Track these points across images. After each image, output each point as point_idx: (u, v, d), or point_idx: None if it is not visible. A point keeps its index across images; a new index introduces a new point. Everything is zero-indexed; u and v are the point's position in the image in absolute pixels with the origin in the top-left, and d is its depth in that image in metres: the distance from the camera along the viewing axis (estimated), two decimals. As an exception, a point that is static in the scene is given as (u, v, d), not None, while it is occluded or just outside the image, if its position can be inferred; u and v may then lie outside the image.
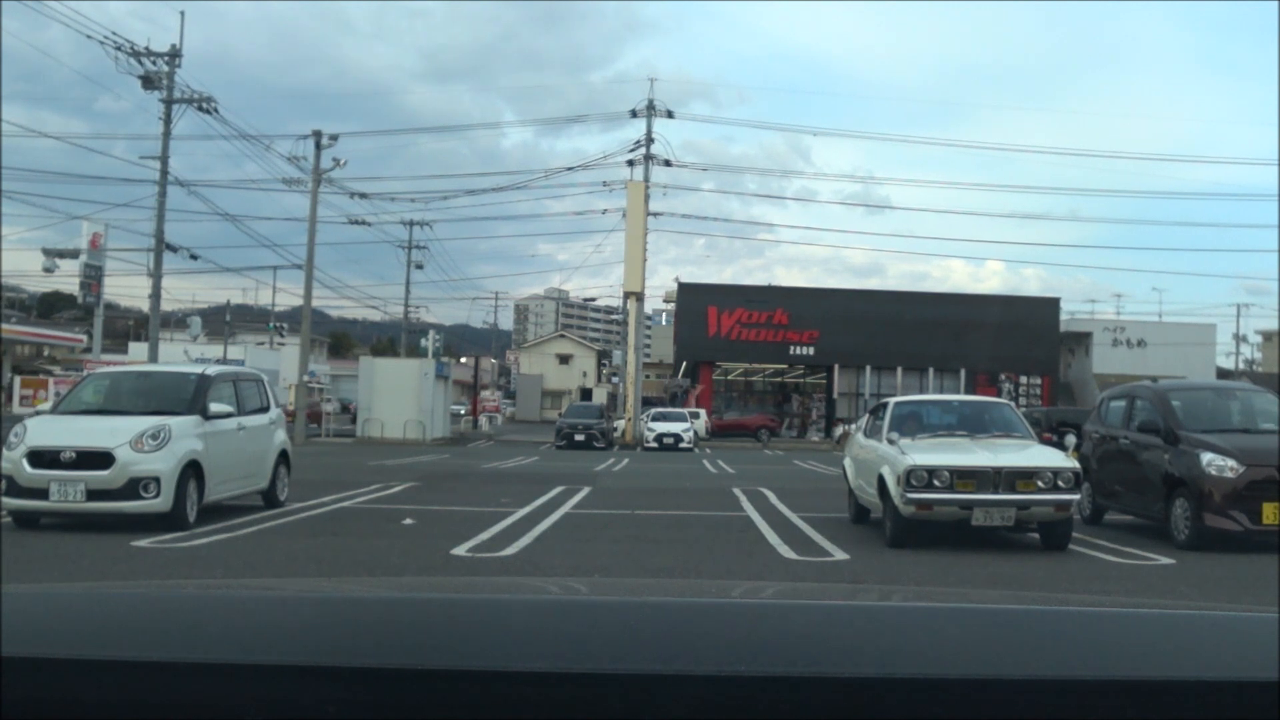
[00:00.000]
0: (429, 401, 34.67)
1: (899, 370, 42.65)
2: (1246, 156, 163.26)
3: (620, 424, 37.66)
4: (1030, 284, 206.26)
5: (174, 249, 30.43)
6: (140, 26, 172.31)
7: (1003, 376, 42.48)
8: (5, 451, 9.80)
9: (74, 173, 55.22)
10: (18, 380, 36.00)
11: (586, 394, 67.04)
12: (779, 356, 44.48)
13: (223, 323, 55.70)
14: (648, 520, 11.85)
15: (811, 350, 43.14)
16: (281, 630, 1.05)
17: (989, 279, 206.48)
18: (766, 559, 8.89)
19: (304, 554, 8.77)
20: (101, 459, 9.56)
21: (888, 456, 9.62)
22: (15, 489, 9.65)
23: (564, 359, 79.67)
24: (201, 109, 29.13)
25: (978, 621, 1.13)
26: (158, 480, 9.58)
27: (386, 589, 1.68)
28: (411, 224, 48.83)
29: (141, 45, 28.11)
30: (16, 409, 30.59)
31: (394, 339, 71.10)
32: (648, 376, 52.26)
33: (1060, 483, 9.01)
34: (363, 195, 39.91)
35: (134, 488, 9.53)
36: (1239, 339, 67.06)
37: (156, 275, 29.73)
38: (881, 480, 9.61)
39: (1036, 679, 0.92)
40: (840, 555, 9.06)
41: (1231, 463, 9.37)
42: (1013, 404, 12.97)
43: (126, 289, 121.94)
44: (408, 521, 10.97)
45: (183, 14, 29.91)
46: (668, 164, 39.75)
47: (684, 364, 50.21)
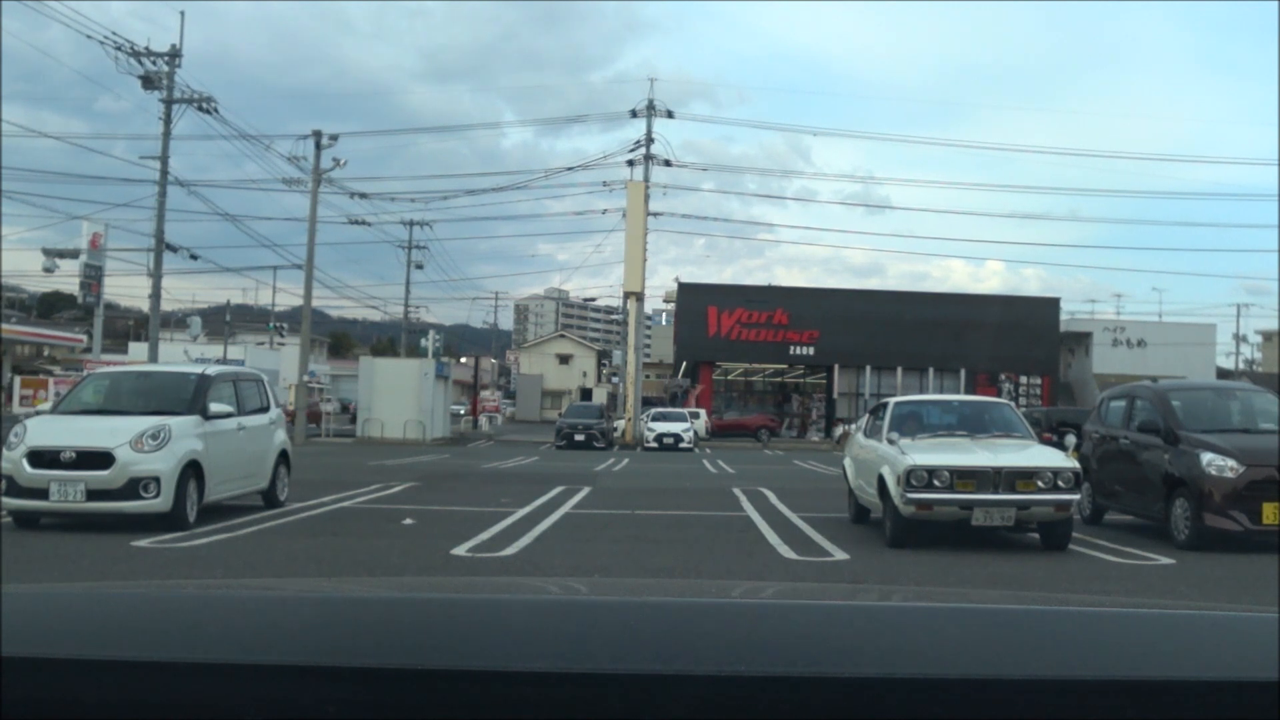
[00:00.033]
0: (429, 401, 34.68)
1: (899, 370, 42.65)
2: (1246, 156, 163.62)
3: (620, 424, 37.66)
4: (1030, 284, 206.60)
5: (174, 249, 30.46)
6: (140, 26, 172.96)
7: (1003, 376, 42.49)
8: (5, 451, 9.80)
9: (74, 173, 55.34)
10: (18, 380, 36.01)
11: (586, 394, 67.03)
12: (779, 356, 44.48)
13: (223, 323, 55.70)
14: (648, 520, 11.85)
15: (811, 350, 43.15)
16: (281, 630, 1.05)
17: (989, 279, 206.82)
18: (766, 559, 8.89)
19: (304, 554, 8.77)
20: (101, 459, 9.56)
21: (888, 456, 9.62)
22: (15, 489, 9.65)
23: (564, 359, 79.69)
24: (201, 109, 29.15)
25: (978, 621, 1.13)
26: (158, 480, 9.59)
27: (386, 589, 1.68)
28: (411, 224, 48.93)
29: (141, 45, 28.16)
30: (16, 409, 30.61)
31: (394, 339, 71.12)
32: (648, 376, 52.26)
33: (1060, 483, 9.02)
34: (363, 195, 39.99)
35: (134, 488, 9.53)
36: (1239, 339, 67.14)
37: (156, 275, 29.74)
38: (881, 480, 9.61)
39: (1036, 679, 0.92)
40: (840, 555, 9.06)
41: (1231, 463, 9.37)
42: (1013, 404, 12.97)
43: (126, 289, 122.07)
44: (408, 521, 10.97)
45: (183, 14, 29.98)
46: (668, 164, 39.80)
47: (684, 364, 50.22)
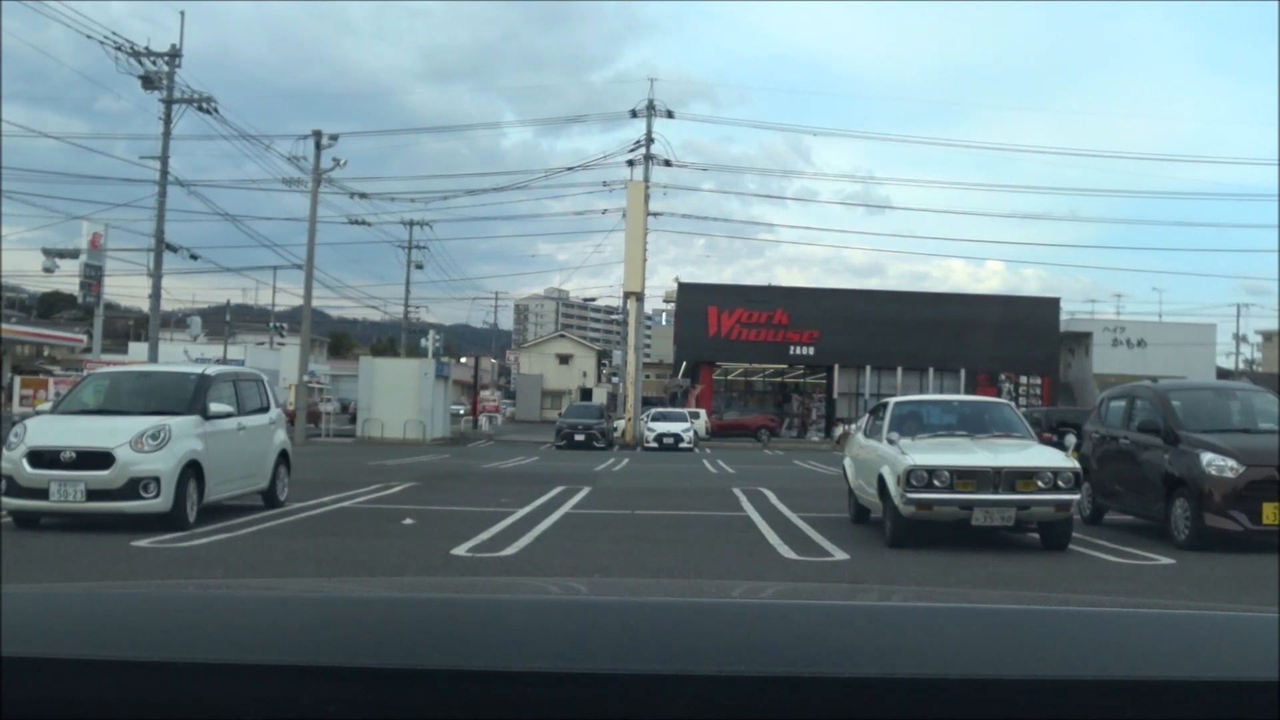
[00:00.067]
0: (429, 401, 34.68)
1: (899, 370, 42.65)
2: (1246, 156, 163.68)
3: (620, 424, 37.66)
4: (1030, 284, 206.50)
5: (174, 249, 30.46)
6: (140, 26, 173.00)
7: (1003, 376, 42.49)
8: (5, 451, 9.80)
9: (74, 173, 55.30)
10: (18, 380, 36.01)
11: (586, 394, 67.04)
12: (779, 356, 44.48)
13: (223, 323, 55.70)
14: (648, 520, 11.85)
15: (811, 350, 43.15)
16: (281, 630, 1.05)
17: (989, 279, 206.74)
18: (766, 559, 8.89)
19: (304, 554, 8.77)
20: (101, 459, 9.56)
21: (888, 456, 9.62)
22: (15, 489, 9.65)
23: (564, 359, 79.69)
24: (201, 109, 29.15)
25: (978, 621, 1.13)
26: (158, 480, 9.58)
27: (386, 589, 1.68)
28: (411, 224, 48.93)
29: (141, 45, 28.16)
30: (16, 409, 30.61)
31: (394, 339, 71.12)
32: (648, 376, 52.26)
33: (1060, 483, 9.01)
34: (363, 195, 40.00)
35: (134, 488, 9.53)
36: (1239, 339, 67.14)
37: (156, 275, 29.74)
38: (881, 480, 9.61)
39: (1036, 679, 0.92)
40: (840, 555, 9.06)
41: (1231, 463, 9.37)
42: (1013, 404, 12.97)
43: (126, 289, 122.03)
44: (408, 521, 10.97)
45: (183, 14, 29.96)
46: (668, 164, 39.80)
47: (684, 364, 50.22)
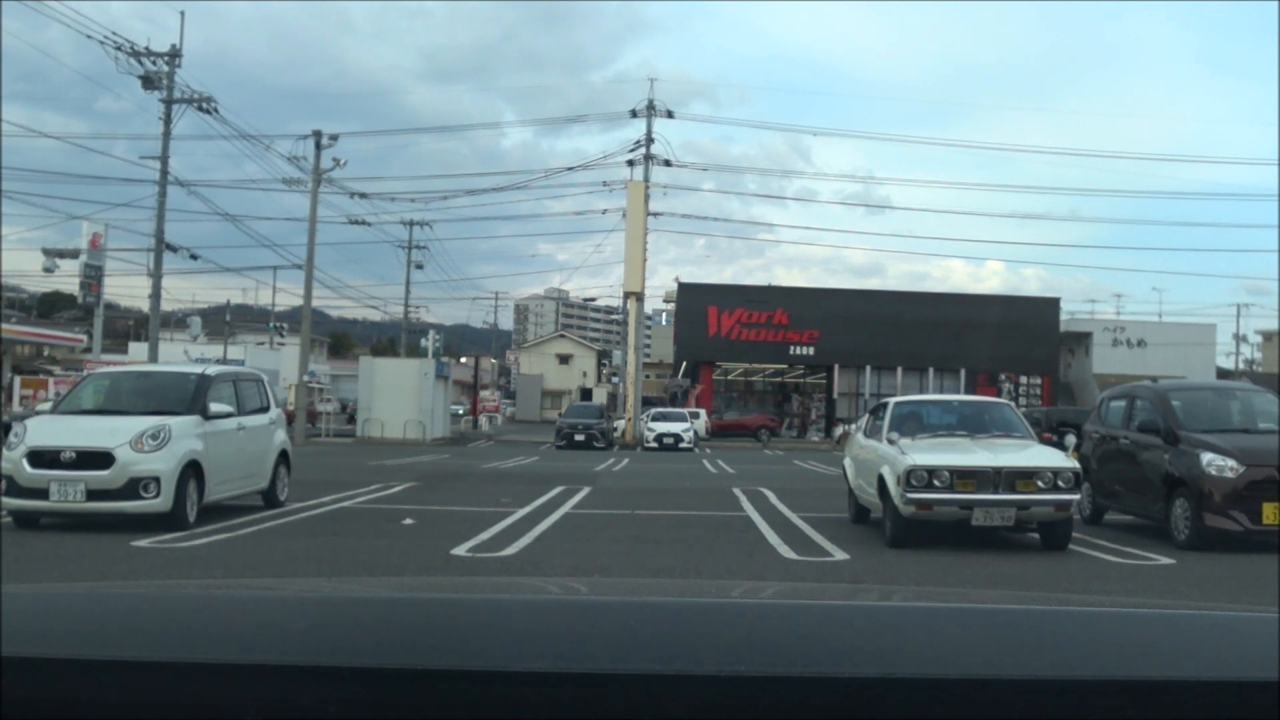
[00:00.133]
0: (429, 401, 34.68)
1: (899, 370, 42.64)
2: (1246, 156, 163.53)
3: (620, 424, 37.66)
4: (1030, 284, 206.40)
5: (174, 249, 30.46)
6: (140, 26, 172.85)
7: (1003, 376, 42.48)
8: (5, 451, 9.80)
9: (74, 173, 55.30)
10: (18, 380, 36.01)
11: (586, 394, 67.04)
12: (779, 356, 44.48)
13: (223, 323, 55.72)
14: (648, 520, 11.85)
15: (811, 350, 43.15)
16: (281, 630, 1.05)
17: (989, 279, 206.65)
18: (766, 559, 8.89)
19: (304, 554, 8.77)
20: (101, 459, 9.56)
21: (888, 456, 9.62)
22: (15, 489, 9.65)
23: (564, 359, 79.68)
24: (201, 109, 29.15)
25: (978, 621, 1.13)
26: (158, 480, 9.58)
27: (386, 589, 1.68)
28: (411, 224, 48.94)
29: (141, 45, 28.18)
30: (16, 409, 30.62)
31: (394, 339, 71.12)
32: (648, 376, 52.26)
33: (1060, 483, 9.01)
34: (363, 195, 40.00)
35: (134, 488, 9.53)
36: (1239, 339, 67.15)
37: (156, 275, 29.74)
38: (881, 480, 9.61)
39: (1036, 679, 0.92)
40: (840, 555, 9.06)
41: (1231, 463, 9.37)
42: (1013, 404, 12.97)
43: (126, 289, 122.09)
44: (408, 521, 10.97)
45: (183, 14, 29.96)
46: (668, 164, 39.80)
47: (684, 364, 50.22)
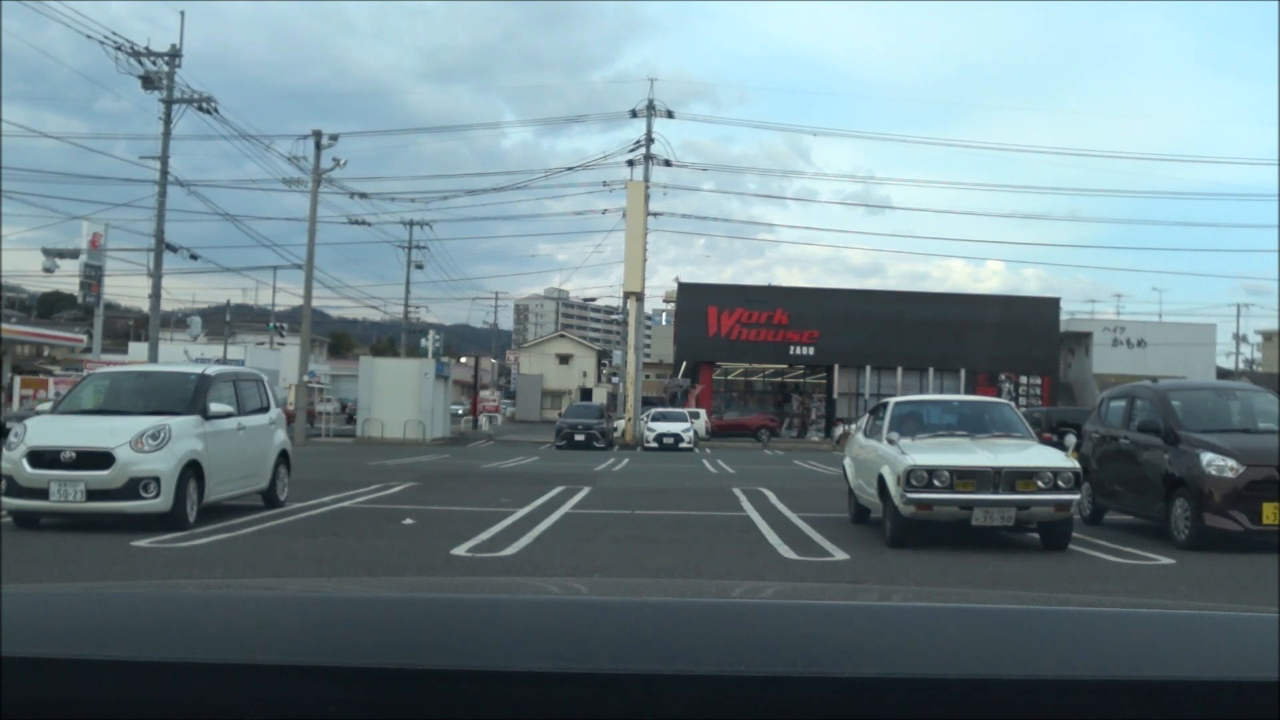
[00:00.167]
0: (429, 401, 34.67)
1: (899, 370, 42.64)
2: (1246, 156, 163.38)
3: (620, 424, 37.66)
4: (1030, 284, 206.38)
5: (174, 249, 30.46)
6: (140, 26, 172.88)
7: (1003, 376, 42.48)
8: (5, 451, 9.80)
9: (74, 173, 55.25)
10: (18, 380, 36.02)
11: (586, 394, 67.04)
12: (779, 356, 44.47)
13: (223, 323, 55.72)
14: (648, 520, 11.85)
15: (811, 350, 43.14)
16: (281, 630, 1.05)
17: (989, 279, 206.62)
18: (766, 559, 8.89)
19: (304, 554, 8.77)
20: (101, 459, 9.56)
21: (888, 456, 9.62)
22: (15, 489, 9.65)
23: (564, 359, 79.68)
24: (201, 109, 29.15)
25: (978, 621, 1.13)
26: (158, 480, 9.58)
27: (386, 589, 1.68)
28: (411, 224, 48.93)
29: (141, 45, 28.18)
30: (16, 408, 30.62)
31: (394, 339, 71.12)
32: (648, 376, 52.26)
33: (1060, 483, 9.01)
34: (363, 195, 39.99)
35: (134, 488, 9.53)
36: (1239, 339, 67.15)
37: (156, 275, 29.74)
38: (881, 480, 9.61)
39: (1036, 679, 0.92)
40: (840, 555, 9.05)
41: (1231, 463, 9.37)
42: (1013, 404, 12.97)
43: (126, 289, 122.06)
44: (408, 521, 10.97)
45: (183, 14, 29.96)
46: (668, 164, 39.79)
47: (684, 364, 50.22)
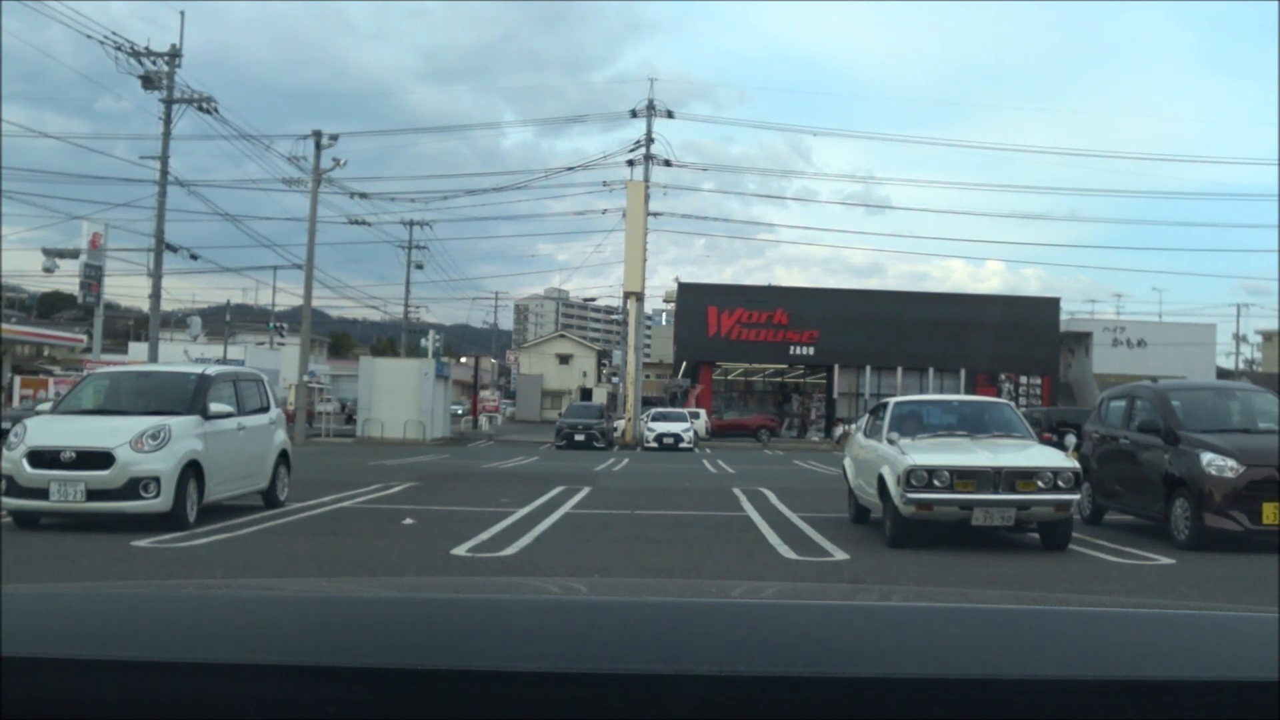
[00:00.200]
0: (429, 401, 34.68)
1: (899, 370, 42.64)
2: (1246, 156, 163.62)
3: (620, 424, 37.66)
4: (1030, 284, 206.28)
5: (174, 249, 30.46)
6: (140, 26, 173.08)
7: (1003, 376, 42.47)
8: (5, 451, 9.80)
9: (74, 173, 55.22)
10: (18, 380, 36.04)
11: (586, 394, 67.03)
12: (779, 356, 44.47)
13: (223, 323, 55.71)
14: (648, 520, 11.85)
15: (811, 350, 43.14)
16: (281, 630, 1.05)
17: (989, 279, 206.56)
18: (766, 559, 8.89)
19: (304, 554, 8.77)
20: (101, 459, 9.56)
21: (888, 456, 9.62)
22: (15, 489, 9.65)
23: (564, 359, 79.67)
24: (201, 109, 29.15)
25: (978, 621, 1.13)
26: (158, 480, 9.58)
27: (386, 589, 1.68)
28: (411, 224, 48.92)
29: (141, 45, 28.18)
30: (17, 405, 30.63)
31: (394, 339, 71.12)
32: (648, 376, 52.25)
33: (1060, 483, 9.01)
34: (363, 195, 39.99)
35: (134, 488, 9.53)
36: (1239, 339, 67.17)
37: (156, 275, 29.73)
38: (881, 480, 9.61)
39: (1036, 679, 0.92)
40: (840, 555, 9.05)
41: (1231, 463, 9.37)
42: (1013, 404, 12.97)
43: (126, 289, 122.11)
44: (408, 521, 10.97)
45: (183, 14, 29.96)
46: (668, 164, 39.79)
47: (684, 364, 50.21)
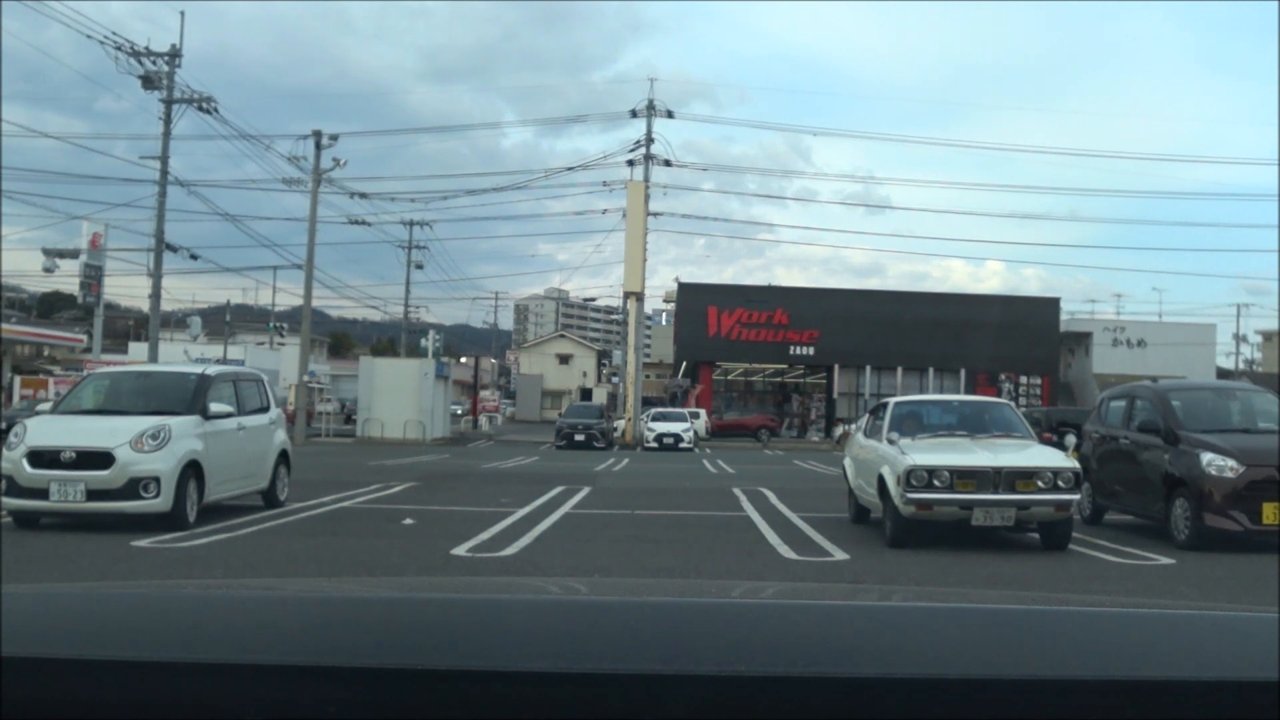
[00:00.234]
0: (429, 401, 34.67)
1: (899, 370, 42.64)
2: (1246, 156, 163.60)
3: (620, 424, 37.66)
4: (1030, 284, 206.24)
5: (174, 249, 30.46)
6: (140, 26, 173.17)
7: (1003, 376, 42.47)
8: (5, 451, 9.80)
9: (74, 173, 55.20)
10: (18, 380, 36.05)
11: (586, 394, 67.03)
12: (779, 356, 44.47)
13: (223, 323, 55.71)
14: (648, 520, 11.85)
15: (811, 350, 43.14)
16: (281, 630, 1.05)
17: (989, 279, 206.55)
18: (766, 559, 8.89)
19: (304, 554, 8.77)
20: (101, 459, 9.56)
21: (888, 456, 9.62)
22: (15, 489, 9.65)
23: (564, 359, 79.67)
24: (201, 109, 29.15)
25: (978, 621, 1.13)
26: (158, 480, 9.58)
27: (386, 589, 1.68)
28: (411, 224, 48.93)
29: (141, 45, 28.18)
30: (16, 404, 30.63)
31: (394, 339, 71.12)
32: (648, 376, 52.25)
33: (1060, 483, 9.01)
34: (363, 195, 39.99)
35: (134, 488, 9.53)
36: (1239, 339, 67.16)
37: (156, 275, 29.73)
38: (881, 480, 9.61)
39: (1036, 679, 0.92)
40: (840, 555, 9.05)
41: (1231, 463, 9.37)
42: (1013, 404, 12.96)
43: (126, 289, 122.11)
44: (408, 521, 10.97)
45: (183, 14, 29.97)
46: (668, 164, 39.79)
47: (684, 364, 50.21)
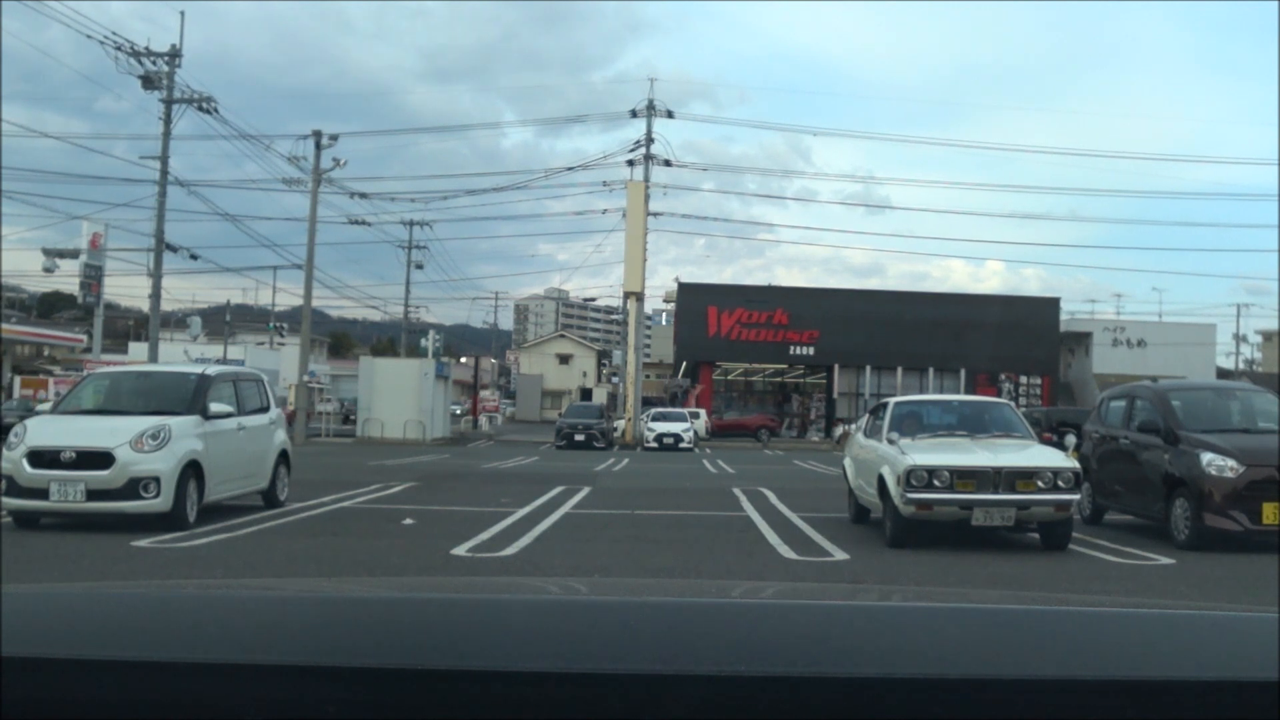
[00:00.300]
0: (429, 401, 34.67)
1: (899, 370, 42.63)
2: (1246, 156, 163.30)
3: (620, 424, 37.66)
4: (1030, 284, 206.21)
5: (174, 249, 30.46)
6: (140, 26, 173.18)
7: (1003, 376, 42.46)
8: (5, 451, 9.81)
9: (74, 173, 55.21)
10: (18, 380, 36.06)
11: (586, 394, 67.04)
12: (779, 356, 44.47)
13: (223, 323, 55.70)
14: (648, 520, 11.85)
15: (811, 350, 43.14)
16: (281, 630, 1.05)
17: (989, 279, 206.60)
18: (766, 559, 8.89)
19: (304, 554, 8.77)
20: (101, 459, 9.56)
21: (888, 456, 9.62)
22: (15, 489, 9.65)
23: (564, 359, 79.67)
24: (201, 109, 29.15)
25: (978, 621, 1.13)
26: (158, 480, 9.58)
27: (386, 589, 1.68)
28: (411, 224, 48.93)
29: (141, 45, 28.19)
30: (15, 402, 30.63)
31: (394, 339, 71.11)
32: (648, 376, 52.25)
33: (1060, 483, 9.01)
34: (363, 195, 39.99)
35: (134, 488, 9.53)
36: (1239, 339, 67.16)
37: (156, 275, 29.73)
38: (881, 480, 9.61)
39: (1036, 679, 0.92)
40: (840, 555, 9.06)
41: (1231, 463, 9.37)
42: (1013, 404, 12.96)
43: (126, 289, 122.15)
44: (408, 521, 10.97)
45: (183, 14, 29.99)
46: (668, 164, 39.79)
47: (684, 364, 50.22)
